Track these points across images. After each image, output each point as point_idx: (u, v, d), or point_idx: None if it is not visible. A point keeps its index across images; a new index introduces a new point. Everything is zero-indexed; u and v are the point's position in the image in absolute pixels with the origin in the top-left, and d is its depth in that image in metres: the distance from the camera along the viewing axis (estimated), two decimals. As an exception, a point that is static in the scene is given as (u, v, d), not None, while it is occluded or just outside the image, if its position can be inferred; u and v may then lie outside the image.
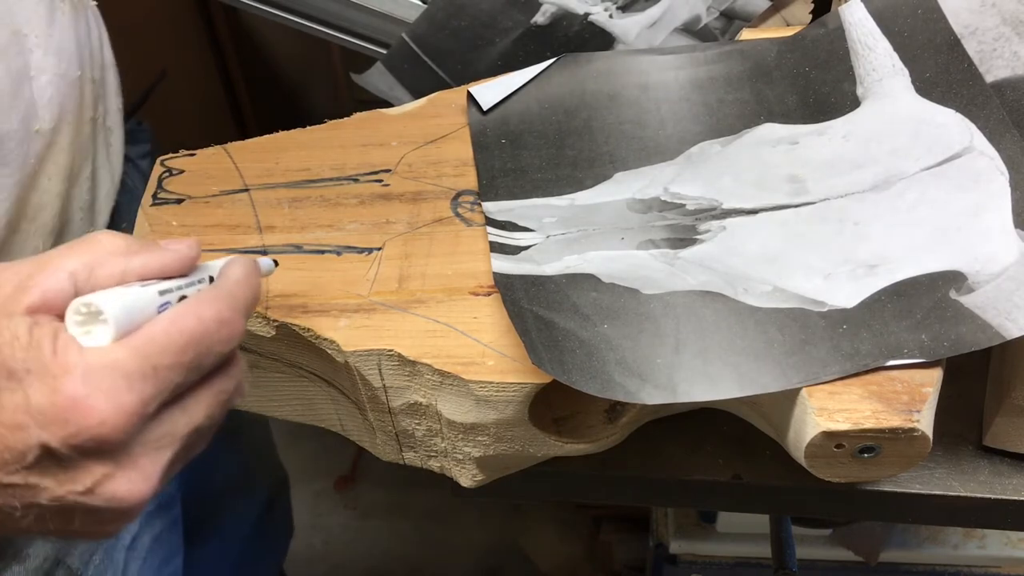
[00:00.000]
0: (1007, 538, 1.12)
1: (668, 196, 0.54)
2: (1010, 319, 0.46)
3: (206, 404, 0.38)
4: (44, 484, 0.35)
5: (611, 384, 0.45)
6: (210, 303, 0.37)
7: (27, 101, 0.51)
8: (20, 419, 0.33)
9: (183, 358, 0.35)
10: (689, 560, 1.16)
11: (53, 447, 0.33)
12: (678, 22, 0.65)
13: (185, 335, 0.36)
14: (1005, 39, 0.55)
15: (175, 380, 0.36)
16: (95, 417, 0.33)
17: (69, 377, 0.33)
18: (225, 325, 0.37)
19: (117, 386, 0.34)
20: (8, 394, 0.33)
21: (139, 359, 0.34)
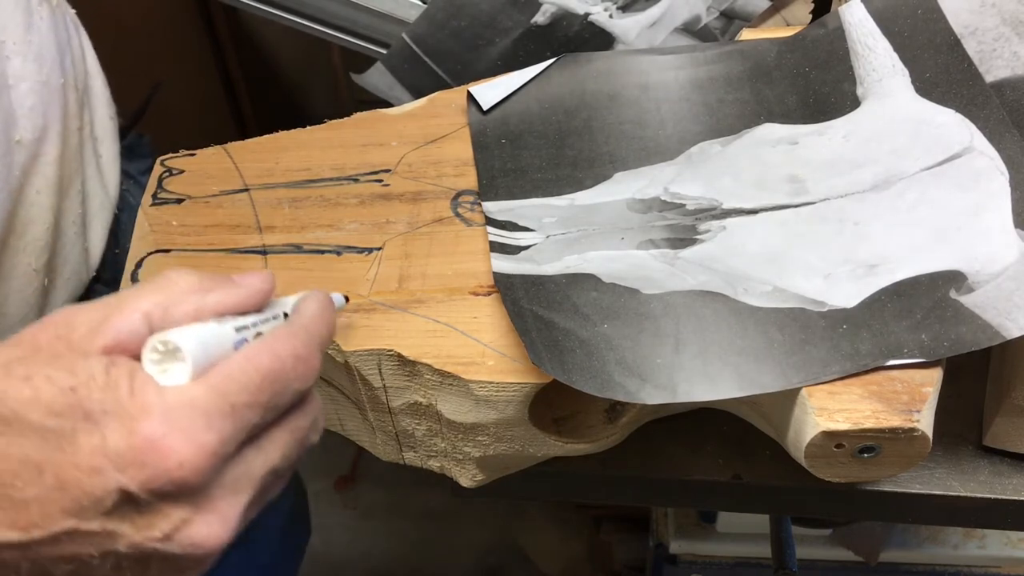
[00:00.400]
0: (1007, 538, 1.12)
1: (668, 196, 0.54)
2: (1010, 319, 0.46)
3: (282, 443, 0.37)
4: (122, 531, 0.33)
5: (611, 384, 0.45)
6: (286, 339, 0.36)
7: (5, 110, 0.49)
8: (97, 462, 0.32)
9: (260, 396, 0.35)
10: (689, 560, 1.16)
11: (131, 491, 0.32)
12: (678, 22, 0.65)
13: (262, 372, 0.35)
14: (1005, 39, 0.55)
15: (252, 419, 0.35)
16: (174, 459, 0.32)
17: (147, 418, 0.32)
18: (302, 362, 0.36)
19: (196, 426, 0.33)
20: (85, 436, 0.32)
21: (217, 397, 0.34)
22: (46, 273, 0.55)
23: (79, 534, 0.33)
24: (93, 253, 0.61)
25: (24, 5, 0.52)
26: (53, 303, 0.57)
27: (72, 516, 0.33)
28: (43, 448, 0.32)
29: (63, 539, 0.33)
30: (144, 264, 0.52)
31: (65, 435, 0.32)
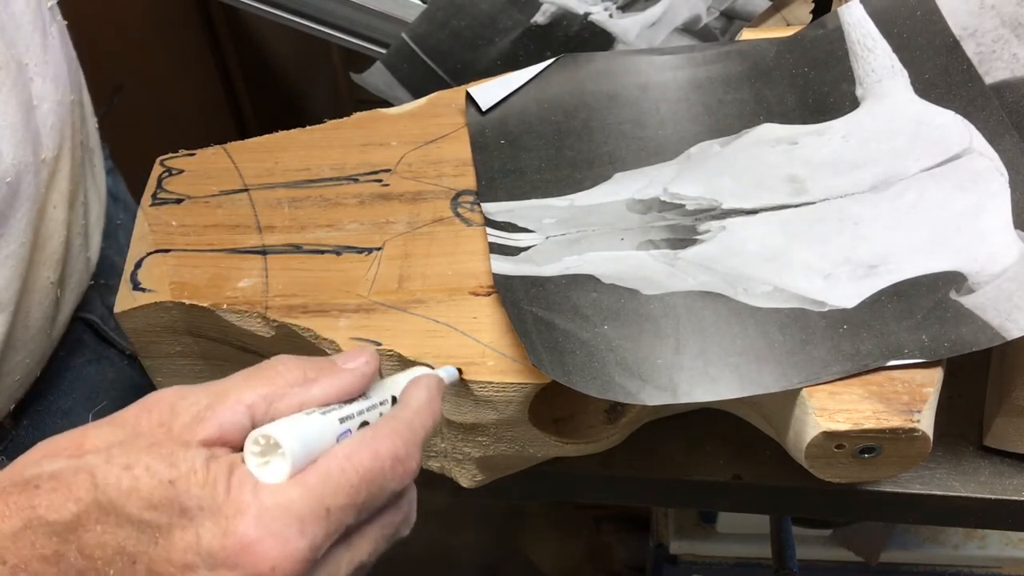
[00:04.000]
0: (1007, 538, 1.12)
1: (668, 196, 0.54)
2: (1010, 319, 0.46)
3: (372, 540, 0.37)
4: None
5: (611, 385, 0.45)
6: (389, 438, 0.36)
7: (34, 131, 0.50)
8: (190, 559, 0.32)
9: (357, 499, 0.34)
10: (689, 560, 1.16)
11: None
12: (678, 22, 0.65)
13: (360, 473, 0.34)
14: (1004, 41, 0.55)
15: (347, 521, 0.34)
16: (266, 563, 0.32)
17: (242, 519, 0.32)
18: (401, 463, 0.36)
19: (290, 530, 0.33)
20: (180, 532, 0.32)
21: (313, 501, 0.33)
22: (59, 285, 0.55)
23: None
24: (92, 260, 0.62)
25: (41, 27, 0.52)
26: (62, 312, 0.58)
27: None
28: (138, 540, 0.33)
29: None
30: (143, 264, 0.52)
31: (161, 529, 0.32)
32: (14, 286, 0.51)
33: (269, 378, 0.36)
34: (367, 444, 0.35)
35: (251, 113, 1.44)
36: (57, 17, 0.57)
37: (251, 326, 0.50)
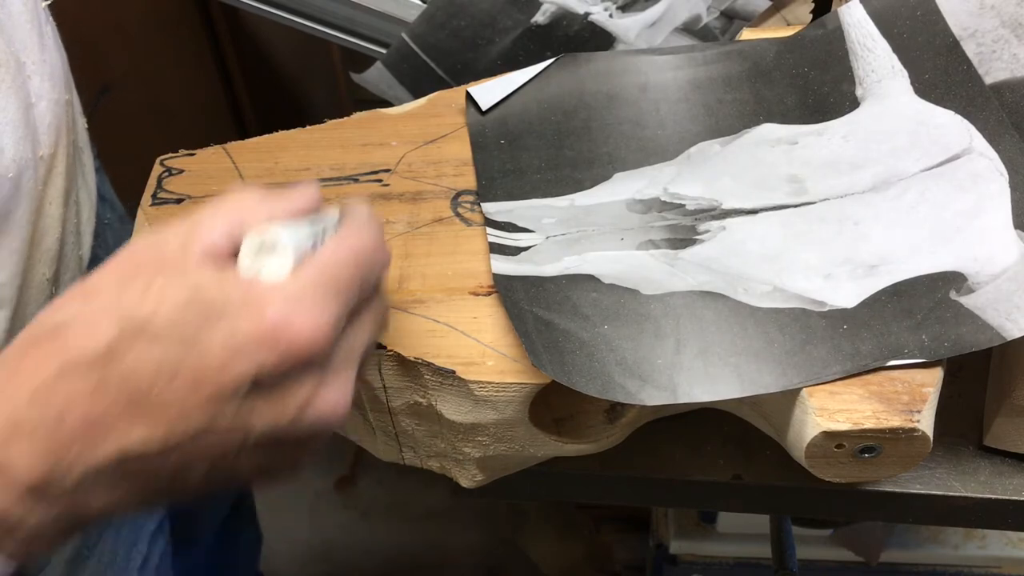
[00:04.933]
0: (1007, 538, 1.12)
1: (667, 196, 0.54)
2: (1010, 320, 0.46)
3: (370, 323, 0.40)
4: (254, 419, 0.35)
5: (611, 385, 0.45)
6: (363, 231, 0.39)
7: (32, 128, 0.50)
8: (230, 349, 0.34)
9: (356, 278, 0.38)
10: (689, 560, 1.15)
11: (265, 372, 0.35)
12: (678, 22, 0.65)
13: (354, 255, 0.38)
14: (1004, 41, 0.55)
15: (352, 298, 0.38)
16: (301, 336, 0.35)
17: (269, 303, 0.35)
18: (379, 249, 0.40)
19: (314, 306, 0.35)
20: (209, 334, 0.34)
21: (324, 282, 0.36)
22: (53, 282, 0.56)
23: (216, 429, 0.35)
24: (84, 259, 0.62)
25: (37, 27, 0.53)
26: None
27: (208, 412, 0.34)
28: (174, 350, 0.34)
29: (201, 436, 0.35)
30: (144, 264, 0.52)
31: (193, 336, 0.34)
32: (15, 282, 0.51)
33: (236, 200, 0.38)
34: (348, 237, 0.39)
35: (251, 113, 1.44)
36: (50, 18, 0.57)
37: (251, 326, 0.50)
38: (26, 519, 0.35)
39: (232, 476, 0.38)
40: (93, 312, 0.35)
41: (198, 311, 0.34)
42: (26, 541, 0.35)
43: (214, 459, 0.36)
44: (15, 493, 0.34)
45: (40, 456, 0.34)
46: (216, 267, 0.36)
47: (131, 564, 0.67)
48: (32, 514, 0.35)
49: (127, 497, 0.36)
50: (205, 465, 0.36)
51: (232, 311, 0.35)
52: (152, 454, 0.35)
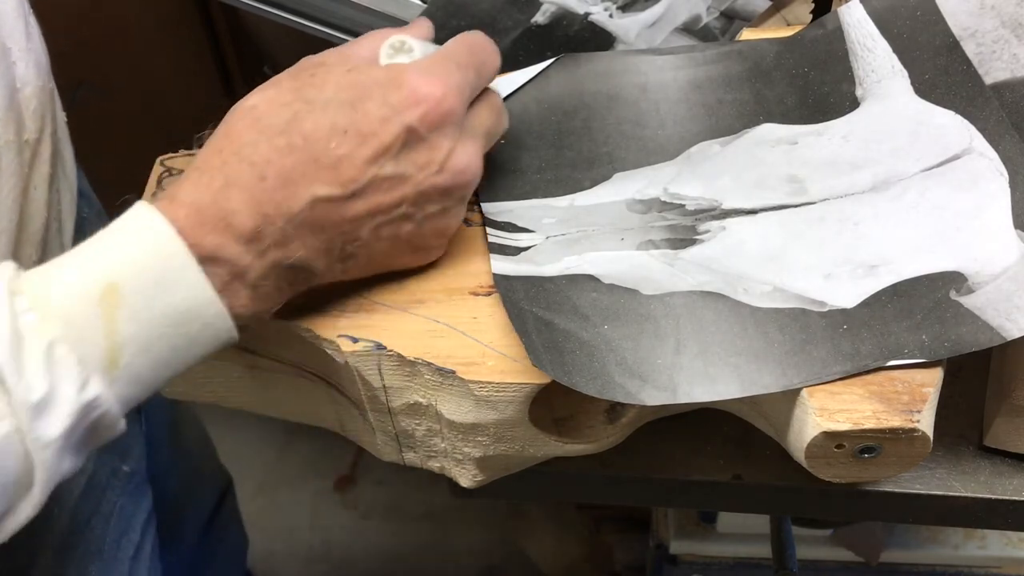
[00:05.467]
0: (1007, 538, 1.12)
1: (667, 196, 0.54)
2: (1010, 320, 0.46)
3: (488, 109, 0.49)
4: (408, 172, 0.45)
5: (611, 385, 0.45)
6: (475, 34, 0.49)
7: (17, 111, 0.52)
8: (384, 113, 0.44)
9: (474, 59, 0.47)
10: (689, 560, 1.15)
11: (413, 126, 0.44)
12: (678, 22, 0.65)
13: (469, 45, 0.48)
14: (1004, 41, 0.55)
15: (471, 77, 0.47)
16: (438, 93, 0.44)
17: (409, 74, 0.45)
18: (491, 46, 0.49)
19: (444, 71, 0.45)
20: (369, 101, 0.44)
21: (448, 59, 0.46)
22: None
23: (379, 181, 0.44)
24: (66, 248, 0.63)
25: (23, 16, 0.55)
26: None
27: (373, 164, 0.44)
28: (342, 114, 0.43)
29: (368, 190, 0.44)
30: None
31: (355, 102, 0.44)
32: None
33: (376, 33, 0.49)
34: (465, 36, 0.49)
35: (251, 113, 1.44)
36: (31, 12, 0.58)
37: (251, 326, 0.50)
38: (251, 266, 0.42)
39: (395, 238, 0.47)
40: (276, 92, 0.44)
41: (356, 87, 0.44)
42: (252, 290, 0.43)
43: (382, 210, 0.45)
44: (240, 240, 0.42)
45: (252, 206, 0.42)
46: (364, 60, 0.46)
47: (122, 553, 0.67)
48: (254, 260, 0.42)
49: (318, 246, 0.44)
50: (375, 219, 0.45)
51: (381, 85, 0.44)
52: (335, 200, 0.43)
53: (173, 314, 0.40)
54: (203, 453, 0.99)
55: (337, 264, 0.46)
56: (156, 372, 0.41)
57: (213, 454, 1.02)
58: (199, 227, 0.41)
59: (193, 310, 0.40)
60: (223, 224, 0.41)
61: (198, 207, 0.41)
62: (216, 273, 0.41)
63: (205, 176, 0.42)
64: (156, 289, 0.40)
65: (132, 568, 0.68)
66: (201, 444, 0.98)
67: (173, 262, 0.40)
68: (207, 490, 0.98)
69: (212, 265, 0.41)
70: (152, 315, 0.40)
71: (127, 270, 0.39)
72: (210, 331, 0.42)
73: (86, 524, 0.64)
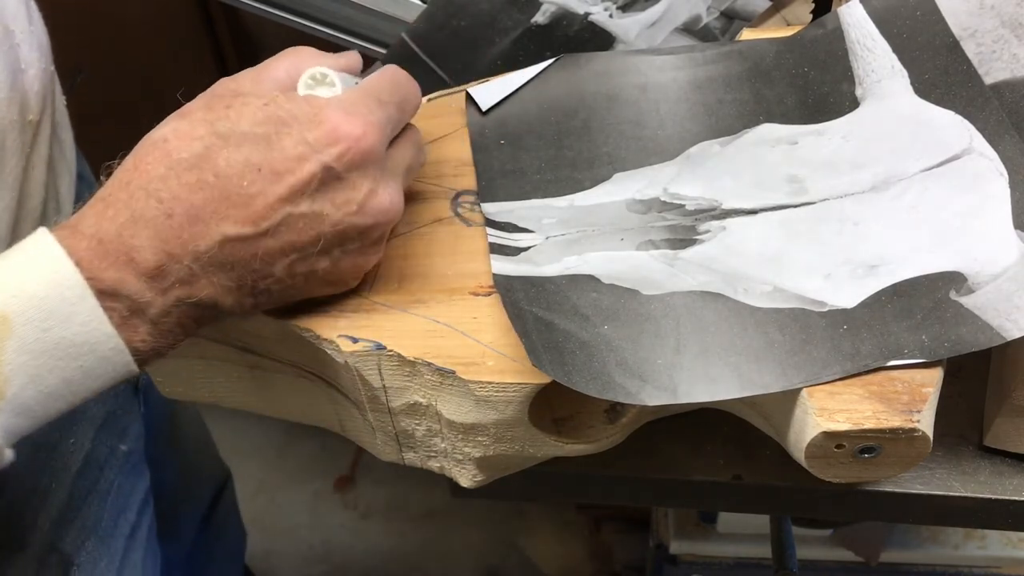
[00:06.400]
0: (1007, 538, 1.12)
1: (667, 196, 0.54)
2: (1010, 320, 0.46)
3: (409, 145, 0.49)
4: (326, 211, 0.43)
5: (611, 385, 0.45)
6: (393, 69, 0.49)
7: (21, 93, 0.53)
8: (301, 151, 0.42)
9: (395, 96, 0.47)
10: (689, 560, 1.16)
11: (330, 165, 0.43)
12: (678, 22, 0.65)
13: (392, 79, 0.47)
14: (1004, 41, 0.55)
15: (394, 114, 0.46)
16: (356, 132, 0.43)
17: (328, 111, 0.43)
18: (413, 83, 0.49)
19: (365, 109, 0.44)
20: (286, 136, 0.42)
21: (369, 95, 0.45)
22: None
23: (294, 219, 0.43)
24: None
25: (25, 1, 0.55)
26: None
27: (288, 203, 0.42)
28: (257, 151, 0.42)
29: (282, 228, 0.43)
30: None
31: (271, 138, 0.42)
32: (7, 240, 0.53)
33: (295, 54, 0.48)
34: (387, 71, 0.48)
35: (251, 113, 1.44)
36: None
37: (251, 326, 0.50)
38: (152, 302, 0.41)
39: (310, 274, 0.45)
40: (189, 125, 0.42)
41: (272, 121, 0.43)
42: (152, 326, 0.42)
43: (296, 248, 0.44)
44: (141, 277, 0.41)
45: (157, 243, 0.41)
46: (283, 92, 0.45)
47: (118, 531, 0.67)
48: (156, 297, 0.41)
49: (227, 284, 0.43)
50: (289, 256, 0.44)
51: (299, 120, 0.43)
52: (246, 239, 0.42)
53: (67, 347, 0.39)
54: (202, 447, 0.99)
55: (248, 299, 0.45)
56: (46, 404, 0.40)
57: (212, 448, 1.02)
58: (100, 260, 0.40)
59: (88, 343, 0.40)
60: (125, 259, 0.40)
61: (100, 239, 0.40)
62: (114, 308, 0.40)
63: (110, 209, 0.41)
64: (50, 321, 0.39)
65: (128, 547, 0.68)
66: (200, 438, 0.98)
67: (69, 294, 0.39)
68: (205, 484, 0.98)
69: (111, 300, 0.40)
70: (44, 347, 0.39)
71: (19, 300, 0.39)
72: (107, 365, 0.41)
73: (83, 501, 0.64)
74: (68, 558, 0.62)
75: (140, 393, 0.75)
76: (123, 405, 0.71)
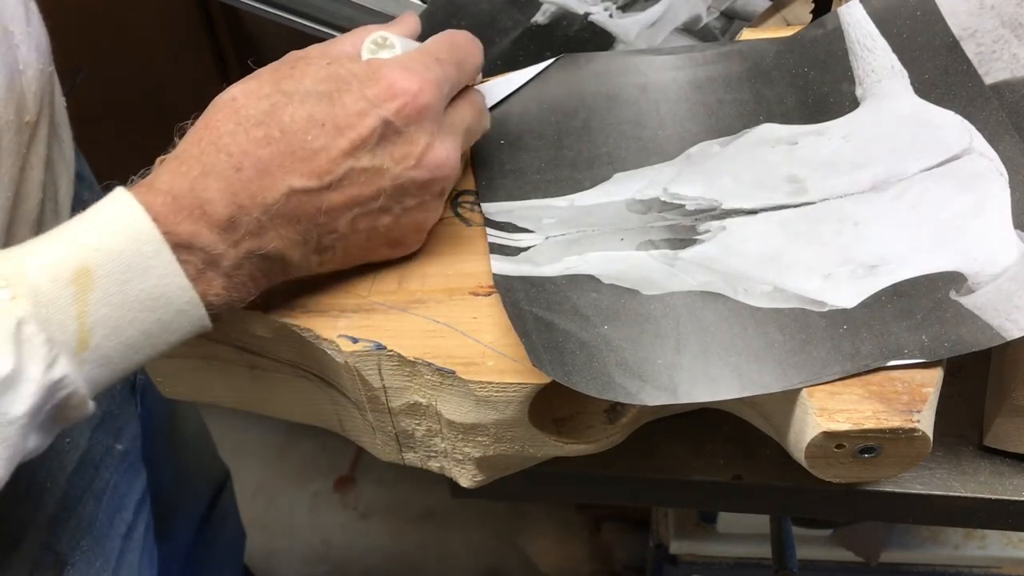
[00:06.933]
0: (1007, 538, 1.12)
1: (667, 196, 0.54)
2: (1010, 320, 0.46)
3: (468, 106, 0.50)
4: (386, 164, 0.45)
5: (611, 385, 0.45)
6: (457, 32, 0.50)
7: (19, 93, 0.53)
8: (361, 106, 0.44)
9: (454, 55, 0.48)
10: (689, 560, 1.16)
11: (389, 120, 0.44)
12: (678, 22, 0.65)
13: (450, 40, 0.49)
14: (1004, 41, 0.55)
15: (452, 73, 0.48)
16: (414, 87, 0.45)
17: (386, 68, 0.45)
18: (473, 42, 0.50)
19: (421, 66, 0.46)
20: (346, 94, 0.44)
21: (427, 54, 0.47)
22: None
23: (355, 173, 0.44)
24: None
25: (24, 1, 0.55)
26: None
27: (350, 157, 0.44)
28: (320, 107, 0.44)
29: (345, 182, 0.44)
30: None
31: (333, 95, 0.44)
32: (1, 240, 0.53)
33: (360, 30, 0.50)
34: (446, 32, 0.50)
35: (251, 113, 1.44)
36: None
37: (251, 326, 0.50)
38: (225, 254, 0.42)
39: (372, 231, 0.47)
40: (257, 84, 0.45)
41: (334, 80, 0.44)
42: (226, 279, 0.43)
43: (358, 203, 0.45)
44: (214, 229, 0.42)
45: (228, 196, 0.42)
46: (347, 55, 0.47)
47: (114, 531, 0.67)
48: (228, 249, 0.42)
49: (293, 237, 0.44)
50: (352, 211, 0.45)
51: (359, 79, 0.45)
52: (311, 192, 0.43)
53: (145, 299, 0.40)
54: (201, 447, 0.99)
55: (313, 256, 0.46)
56: (126, 356, 0.41)
57: (211, 448, 1.02)
58: (174, 214, 0.41)
59: (165, 296, 0.41)
60: (198, 212, 0.42)
61: (174, 194, 0.42)
62: (190, 261, 0.41)
63: (183, 165, 0.43)
64: (128, 273, 0.40)
65: (124, 547, 0.68)
66: (199, 438, 0.98)
67: (146, 248, 0.40)
68: (204, 483, 0.98)
69: (186, 252, 0.41)
70: (124, 299, 0.40)
71: (100, 254, 0.40)
72: (183, 318, 0.42)
73: (78, 500, 0.64)
74: (63, 557, 0.62)
75: (137, 393, 0.75)
76: (120, 405, 0.71)
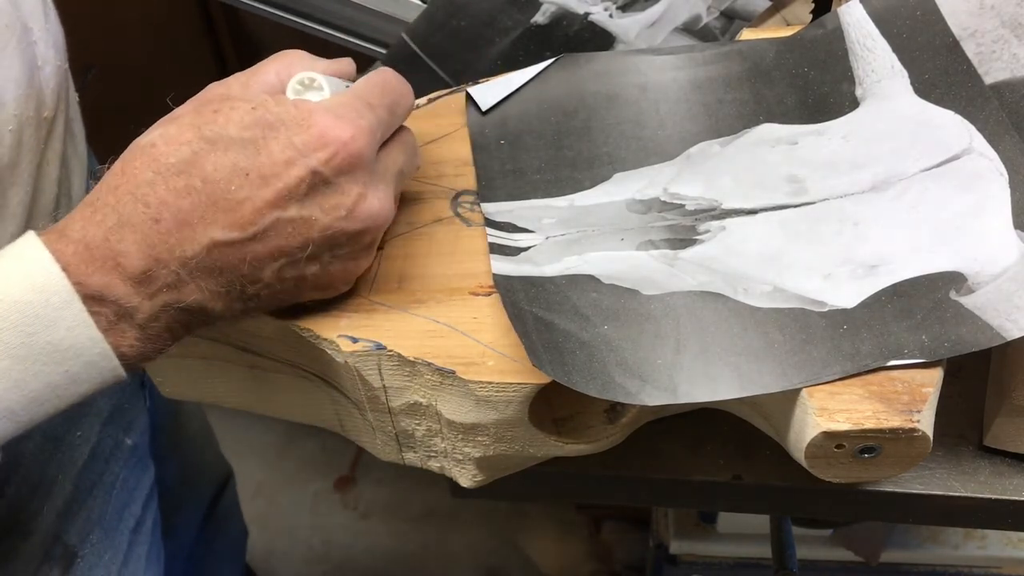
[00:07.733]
0: (1007, 538, 1.12)
1: (667, 196, 0.54)
2: (1010, 320, 0.46)
3: (400, 148, 0.48)
4: (315, 215, 0.43)
5: (611, 385, 0.45)
6: (384, 71, 0.48)
7: (38, 90, 0.53)
8: (288, 155, 0.42)
9: (385, 99, 0.46)
10: (689, 560, 1.16)
11: (318, 170, 0.42)
12: (678, 22, 0.65)
13: (382, 84, 0.47)
14: (1004, 41, 0.55)
15: (384, 117, 0.46)
16: (346, 136, 0.42)
17: (316, 115, 0.43)
18: (405, 85, 0.48)
19: (353, 113, 0.44)
20: (273, 141, 0.42)
21: (359, 99, 0.45)
22: None
23: (282, 224, 0.42)
24: None
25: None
26: None
27: (276, 208, 0.42)
28: (244, 155, 0.41)
29: (271, 233, 0.42)
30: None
31: (258, 142, 0.42)
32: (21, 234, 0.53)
33: (286, 57, 0.47)
34: (377, 73, 0.47)
35: (251, 113, 1.44)
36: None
37: (250, 326, 0.50)
38: (139, 307, 0.41)
39: (299, 279, 0.45)
40: (177, 130, 0.42)
41: (260, 125, 0.42)
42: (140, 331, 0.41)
43: (285, 253, 0.43)
44: (128, 282, 0.40)
45: (144, 248, 0.40)
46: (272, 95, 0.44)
47: (123, 524, 0.68)
48: (143, 302, 0.41)
49: (215, 289, 0.42)
50: (277, 261, 0.43)
51: (287, 124, 0.42)
52: (234, 244, 0.42)
53: (52, 351, 0.39)
54: (204, 444, 0.99)
55: (237, 304, 0.44)
56: (31, 409, 0.40)
57: (214, 445, 1.02)
58: (86, 264, 0.40)
59: (75, 348, 0.40)
60: (111, 264, 0.40)
61: (87, 243, 0.40)
62: (101, 313, 0.40)
63: (98, 213, 0.41)
64: (35, 325, 0.39)
65: (132, 540, 0.69)
66: (203, 435, 0.99)
67: (55, 299, 0.39)
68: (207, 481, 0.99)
69: (97, 304, 0.40)
70: (28, 352, 0.39)
71: (3, 304, 0.38)
72: (93, 370, 0.41)
73: (88, 493, 0.65)
74: (72, 550, 0.62)
75: (146, 388, 0.75)
76: (129, 399, 0.71)
